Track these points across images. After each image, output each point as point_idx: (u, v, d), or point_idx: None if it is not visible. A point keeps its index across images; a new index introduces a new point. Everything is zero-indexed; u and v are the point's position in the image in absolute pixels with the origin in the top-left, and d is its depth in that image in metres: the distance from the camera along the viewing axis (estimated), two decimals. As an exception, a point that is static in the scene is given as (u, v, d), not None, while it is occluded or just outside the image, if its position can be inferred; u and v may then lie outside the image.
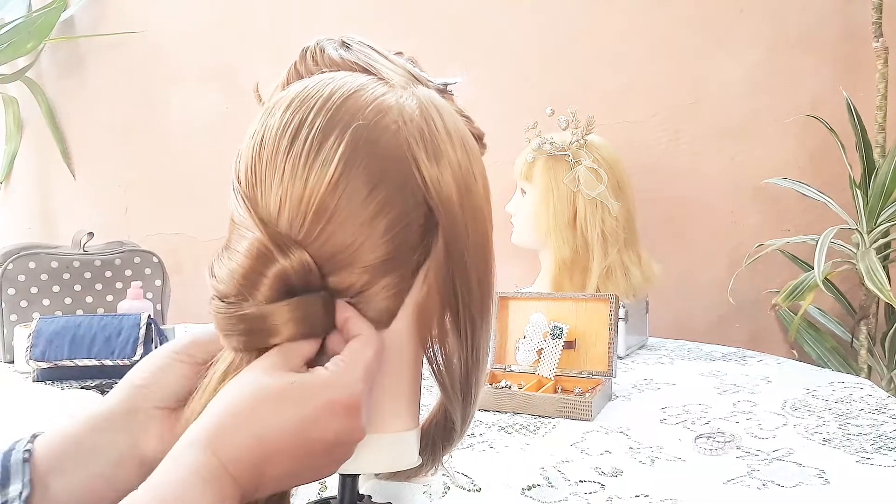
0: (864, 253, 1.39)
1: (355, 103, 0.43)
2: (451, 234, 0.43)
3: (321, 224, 0.41)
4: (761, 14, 1.63)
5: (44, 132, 2.14)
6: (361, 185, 0.41)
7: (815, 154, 1.62)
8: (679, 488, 0.73)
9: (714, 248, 1.70)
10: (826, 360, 1.57)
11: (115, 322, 1.22)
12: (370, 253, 0.42)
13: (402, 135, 0.42)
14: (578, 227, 1.41)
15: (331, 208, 0.41)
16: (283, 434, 0.38)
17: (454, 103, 0.50)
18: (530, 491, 0.73)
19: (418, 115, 0.43)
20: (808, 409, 0.99)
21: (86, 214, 2.13)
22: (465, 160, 0.45)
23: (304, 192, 0.41)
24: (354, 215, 0.41)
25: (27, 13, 2.02)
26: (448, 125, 0.45)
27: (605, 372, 1.11)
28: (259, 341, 0.41)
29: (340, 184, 0.41)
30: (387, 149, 0.42)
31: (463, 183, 0.44)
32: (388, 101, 0.43)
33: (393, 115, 0.43)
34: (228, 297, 0.42)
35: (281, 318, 0.41)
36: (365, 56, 0.47)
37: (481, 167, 0.47)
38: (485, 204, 0.47)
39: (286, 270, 0.41)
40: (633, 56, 1.71)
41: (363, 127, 0.42)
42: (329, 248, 0.41)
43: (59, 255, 1.46)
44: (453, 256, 0.44)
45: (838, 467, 0.77)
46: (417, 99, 0.45)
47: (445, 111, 0.46)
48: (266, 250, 0.41)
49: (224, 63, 1.98)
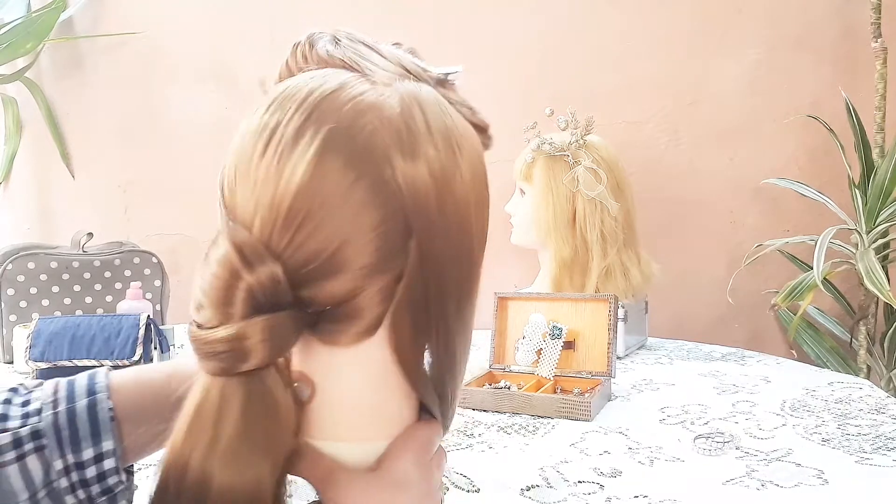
0: (863, 253, 1.39)
1: (332, 104, 0.41)
2: (425, 238, 0.41)
3: (292, 231, 0.39)
4: (760, 14, 1.64)
5: (43, 132, 2.14)
6: (335, 189, 0.39)
7: (814, 154, 1.63)
8: (678, 489, 0.73)
9: (713, 249, 1.71)
10: (825, 360, 1.57)
11: (114, 322, 1.22)
12: (350, 259, 0.40)
13: (379, 135, 0.40)
14: (578, 227, 1.41)
15: (302, 213, 0.39)
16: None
17: (455, 93, 0.47)
18: (529, 491, 0.73)
19: (398, 113, 0.41)
20: (808, 409, 0.99)
21: (85, 215, 2.13)
22: (449, 160, 0.42)
23: (275, 196, 0.39)
24: (328, 220, 0.39)
25: (26, 13, 2.02)
26: (432, 123, 0.42)
27: (604, 372, 1.11)
28: (234, 365, 0.38)
29: (311, 188, 0.39)
30: (362, 151, 0.40)
31: (443, 185, 0.41)
32: (366, 100, 0.41)
33: (370, 116, 0.41)
34: (204, 317, 0.39)
35: (254, 338, 0.38)
36: (353, 51, 0.46)
37: (474, 165, 0.44)
38: (471, 206, 0.43)
39: (251, 286, 0.38)
40: (632, 56, 1.71)
41: (336, 129, 0.40)
42: (302, 255, 0.39)
43: (58, 255, 1.46)
44: (428, 261, 0.41)
45: (837, 467, 0.77)
46: (400, 96, 0.42)
47: (430, 107, 0.43)
48: (234, 263, 0.38)
49: (223, 63, 1.99)
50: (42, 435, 0.45)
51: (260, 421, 0.38)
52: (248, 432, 0.37)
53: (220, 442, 0.37)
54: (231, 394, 0.38)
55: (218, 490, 0.36)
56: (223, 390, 0.38)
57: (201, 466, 0.37)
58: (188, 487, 0.36)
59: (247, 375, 0.38)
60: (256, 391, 0.38)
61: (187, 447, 0.37)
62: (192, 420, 0.38)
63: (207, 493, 0.36)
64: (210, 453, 0.37)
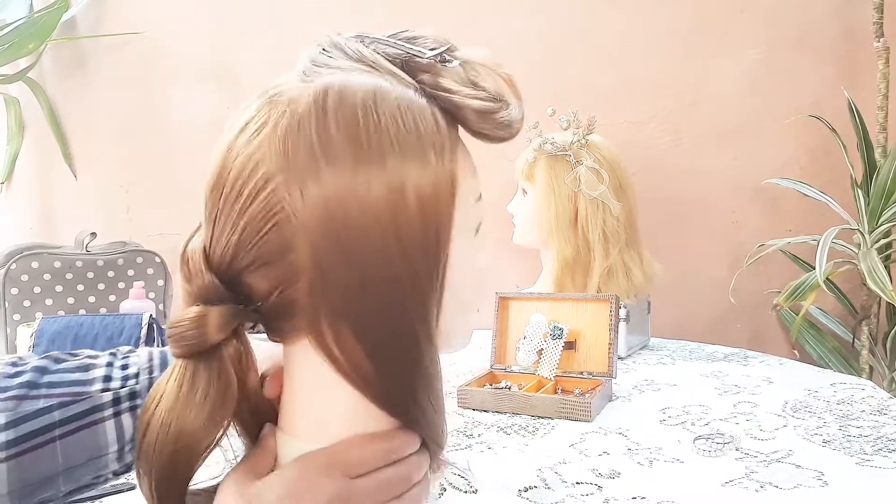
0: (865, 253, 1.39)
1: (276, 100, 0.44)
2: (318, 251, 0.42)
3: (210, 225, 0.45)
4: (762, 14, 1.63)
5: (46, 133, 2.14)
6: (229, 187, 0.43)
7: (816, 154, 1.62)
8: (676, 490, 0.73)
9: (715, 249, 1.70)
10: (827, 360, 1.57)
11: (117, 322, 1.22)
12: (244, 256, 0.43)
13: (264, 143, 0.42)
14: (580, 227, 1.41)
15: (209, 208, 0.45)
16: None
17: (449, 77, 0.46)
18: (527, 493, 0.73)
19: (295, 122, 0.42)
20: (809, 410, 0.99)
21: (88, 215, 2.13)
22: (347, 178, 0.41)
23: (203, 193, 0.46)
24: (223, 218, 0.44)
25: (29, 14, 2.03)
26: (339, 132, 0.41)
27: (605, 373, 1.11)
28: (195, 346, 0.44)
29: (217, 185, 0.44)
30: (252, 154, 0.43)
31: (338, 207, 0.41)
32: (280, 98, 0.44)
33: (264, 121, 0.43)
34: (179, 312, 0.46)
35: (210, 321, 0.44)
36: (321, 51, 0.47)
37: (404, 171, 0.42)
38: (383, 219, 0.41)
39: (197, 290, 0.44)
40: (633, 56, 1.71)
41: (231, 133, 0.45)
42: (218, 249, 0.44)
43: (61, 255, 1.46)
44: (326, 272, 0.42)
45: (838, 469, 0.77)
46: (310, 99, 0.42)
47: (348, 110, 0.42)
48: (182, 275, 0.45)
49: (225, 63, 1.99)
50: (138, 396, 0.52)
51: (192, 391, 0.44)
52: (179, 398, 0.44)
53: (162, 402, 0.45)
54: (178, 369, 0.45)
55: (160, 426, 0.44)
56: (176, 365, 0.45)
57: (150, 417, 0.45)
58: (146, 423, 0.45)
59: (195, 358, 0.45)
60: (204, 368, 0.45)
61: (147, 402, 0.46)
62: (157, 384, 0.46)
63: (153, 427, 0.45)
64: (155, 410, 0.45)
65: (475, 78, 0.46)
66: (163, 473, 0.44)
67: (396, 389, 0.46)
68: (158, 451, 0.44)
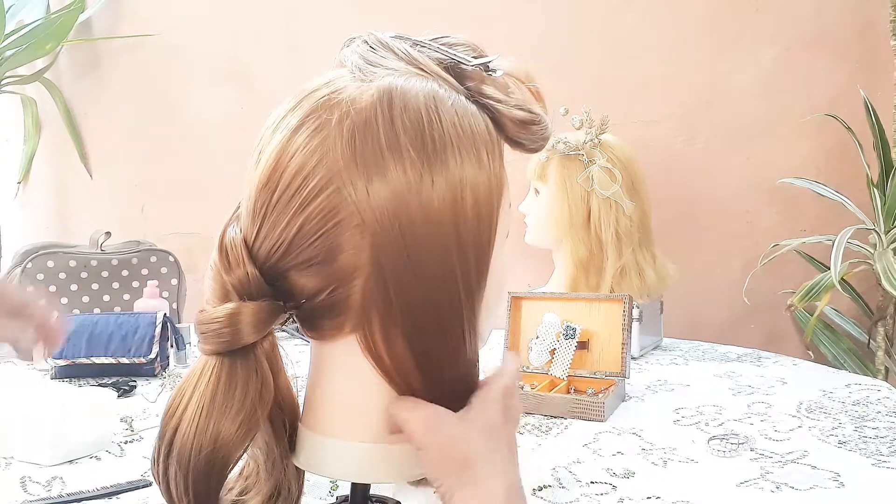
0: (881, 253, 1.38)
1: (312, 100, 0.44)
2: (382, 250, 0.42)
3: (258, 220, 0.43)
4: (777, 13, 1.62)
5: (62, 133, 2.16)
6: (284, 185, 0.42)
7: (831, 154, 1.61)
8: (691, 490, 0.73)
9: (729, 249, 1.69)
10: (842, 361, 1.55)
11: (131, 320, 1.23)
12: (298, 253, 0.42)
13: (328, 142, 0.42)
14: (592, 226, 1.41)
15: (257, 204, 0.43)
16: None
17: (493, 87, 0.47)
18: (541, 492, 0.73)
19: (361, 121, 0.42)
20: (824, 411, 0.98)
21: (103, 214, 2.15)
22: (415, 172, 0.41)
23: (249, 190, 0.44)
24: (276, 214, 0.43)
25: (46, 15, 2.05)
26: (405, 132, 0.42)
27: (618, 373, 1.10)
28: (227, 344, 0.43)
29: (270, 183, 0.43)
30: (313, 153, 0.42)
31: (403, 206, 0.41)
32: (339, 97, 0.43)
33: (324, 120, 0.42)
34: (208, 304, 0.44)
35: (245, 319, 0.43)
36: (359, 53, 0.47)
37: (460, 172, 0.43)
38: (445, 214, 0.42)
39: (233, 283, 0.43)
40: (647, 55, 1.70)
41: (283, 132, 0.43)
42: (266, 246, 0.43)
43: (76, 254, 1.48)
44: (387, 270, 0.42)
45: (853, 470, 0.77)
46: (374, 99, 0.42)
47: (412, 112, 0.42)
48: (217, 265, 0.44)
49: (239, 63, 2.00)
50: None
51: (230, 391, 0.43)
52: (216, 399, 0.43)
53: (194, 403, 0.43)
54: (211, 368, 0.43)
55: (195, 428, 0.42)
56: (207, 363, 0.44)
57: (181, 418, 0.43)
58: (175, 426, 0.43)
59: (230, 355, 0.43)
60: (242, 366, 0.43)
61: (176, 403, 0.44)
62: (184, 383, 0.44)
63: (185, 430, 0.43)
64: (186, 410, 0.43)
65: (508, 89, 0.48)
66: (198, 477, 0.43)
67: (437, 392, 0.45)
68: (195, 453, 0.42)
